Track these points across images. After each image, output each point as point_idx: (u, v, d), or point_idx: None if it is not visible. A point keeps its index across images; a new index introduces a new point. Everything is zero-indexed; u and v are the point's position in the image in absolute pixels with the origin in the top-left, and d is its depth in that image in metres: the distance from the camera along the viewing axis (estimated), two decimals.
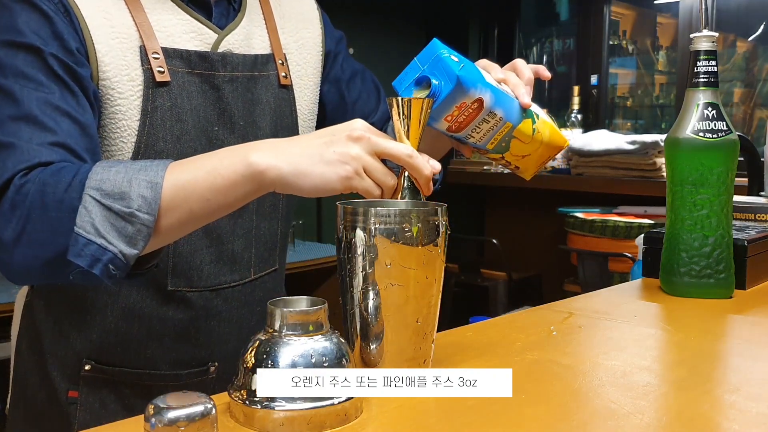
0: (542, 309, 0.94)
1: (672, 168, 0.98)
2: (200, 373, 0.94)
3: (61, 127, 0.76)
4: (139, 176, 0.71)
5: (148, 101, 0.84)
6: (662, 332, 0.85)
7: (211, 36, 0.90)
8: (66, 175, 0.72)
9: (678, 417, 0.58)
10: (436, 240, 0.62)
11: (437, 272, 0.63)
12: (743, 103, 3.31)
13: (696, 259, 0.97)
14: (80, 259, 0.69)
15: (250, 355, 0.55)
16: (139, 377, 0.91)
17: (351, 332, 0.64)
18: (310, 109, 1.03)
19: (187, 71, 0.87)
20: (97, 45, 0.82)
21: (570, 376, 0.67)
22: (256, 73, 0.94)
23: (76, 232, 0.70)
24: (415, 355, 0.63)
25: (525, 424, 0.56)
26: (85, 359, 0.90)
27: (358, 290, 0.62)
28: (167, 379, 0.92)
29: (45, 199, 0.71)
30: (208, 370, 0.94)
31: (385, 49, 3.48)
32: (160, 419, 0.46)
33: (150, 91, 0.84)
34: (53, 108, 0.76)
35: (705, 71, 0.96)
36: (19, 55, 0.77)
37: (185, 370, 0.93)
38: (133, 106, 0.84)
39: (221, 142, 0.89)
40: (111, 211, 0.70)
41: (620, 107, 3.76)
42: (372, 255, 0.61)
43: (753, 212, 1.23)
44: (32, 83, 0.76)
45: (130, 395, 0.91)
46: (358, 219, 0.62)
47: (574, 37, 3.64)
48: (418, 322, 0.63)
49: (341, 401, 0.54)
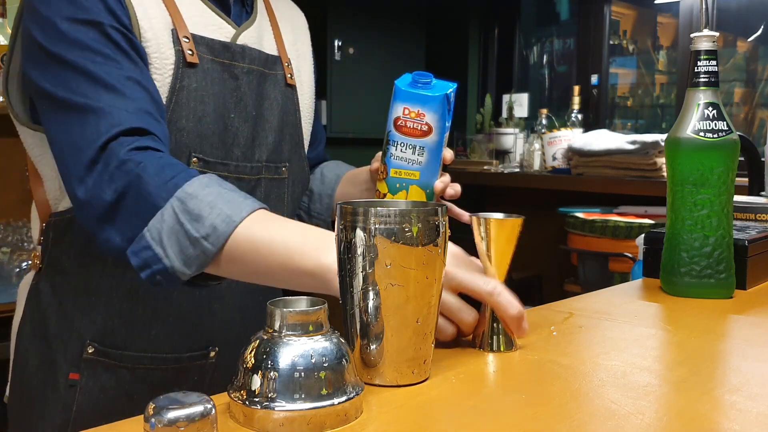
0: (542, 309, 0.94)
1: (672, 168, 0.98)
2: (200, 357, 0.95)
3: (136, 95, 0.80)
4: (222, 206, 0.72)
5: (177, 80, 0.88)
6: (663, 332, 0.85)
7: (230, 30, 0.96)
8: (168, 171, 0.74)
9: (678, 417, 0.58)
10: (437, 240, 0.62)
11: (437, 272, 0.63)
12: (744, 103, 3.30)
13: (696, 259, 0.97)
14: (135, 258, 0.73)
15: (250, 355, 0.55)
16: (139, 360, 0.92)
17: (351, 332, 0.64)
18: (309, 110, 1.08)
19: (211, 58, 0.92)
20: (140, 21, 0.86)
21: (570, 376, 0.67)
22: (266, 71, 0.99)
23: (143, 232, 0.72)
24: (415, 355, 0.63)
25: (525, 424, 0.56)
26: (88, 341, 0.91)
27: (358, 290, 0.62)
28: (168, 362, 0.93)
29: (140, 187, 0.73)
30: (208, 354, 0.95)
31: (385, 49, 3.48)
32: (160, 419, 0.46)
33: (180, 70, 0.88)
34: (125, 78, 0.80)
35: (705, 71, 0.96)
36: (82, 30, 0.80)
37: (186, 353, 0.94)
38: (165, 83, 0.87)
39: (235, 128, 0.93)
40: (182, 228, 0.72)
41: (620, 107, 3.76)
42: (372, 255, 0.61)
43: (753, 212, 1.23)
44: (100, 56, 0.80)
45: (130, 380, 0.92)
46: (358, 219, 0.61)
47: (574, 37, 3.64)
48: (418, 322, 0.63)
49: (341, 401, 0.54)
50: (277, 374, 0.53)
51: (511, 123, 3.47)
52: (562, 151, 3.12)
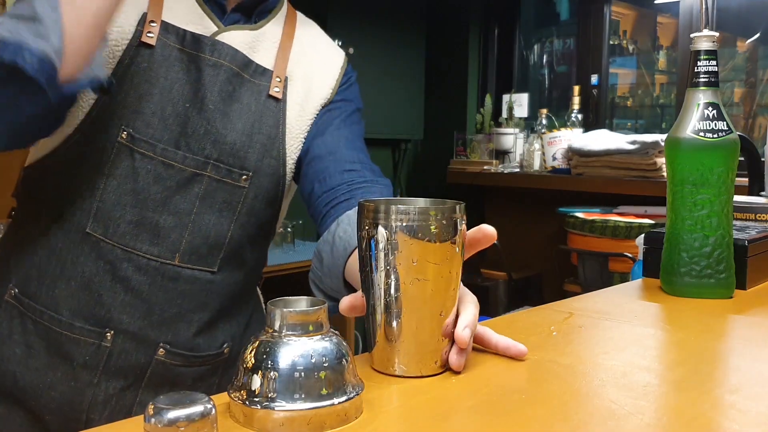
0: (542, 309, 0.94)
1: (672, 168, 0.98)
2: (94, 335, 0.93)
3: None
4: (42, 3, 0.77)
5: (126, 55, 0.92)
6: (662, 332, 0.85)
7: (212, 27, 0.97)
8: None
9: (678, 417, 0.58)
10: (455, 238, 0.64)
11: (457, 267, 0.66)
12: (744, 103, 3.31)
13: (696, 259, 0.97)
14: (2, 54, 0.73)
15: (250, 355, 0.55)
16: (41, 315, 0.93)
17: (373, 326, 0.66)
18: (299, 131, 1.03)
19: (177, 46, 0.94)
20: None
21: (570, 376, 0.67)
22: (243, 74, 0.98)
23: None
24: (437, 347, 0.65)
25: (525, 424, 0.56)
26: (11, 285, 0.95)
27: (381, 285, 0.64)
28: (63, 327, 0.93)
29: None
30: (103, 336, 0.93)
31: (385, 49, 3.48)
32: (160, 419, 0.46)
33: (133, 49, 0.92)
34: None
35: (705, 71, 0.96)
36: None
37: (81, 324, 0.93)
38: (116, 56, 0.92)
39: (186, 117, 0.94)
40: (20, 21, 0.75)
41: (620, 107, 3.76)
42: (395, 251, 0.63)
43: (753, 212, 1.23)
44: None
45: (33, 331, 0.94)
46: (380, 216, 0.63)
47: (574, 37, 3.64)
48: (441, 315, 0.65)
49: (341, 401, 0.54)
50: (277, 374, 0.53)
51: (511, 123, 3.48)
52: (562, 151, 3.12)
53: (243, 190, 0.97)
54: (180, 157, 0.93)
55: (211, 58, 0.95)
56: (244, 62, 0.98)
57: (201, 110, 0.94)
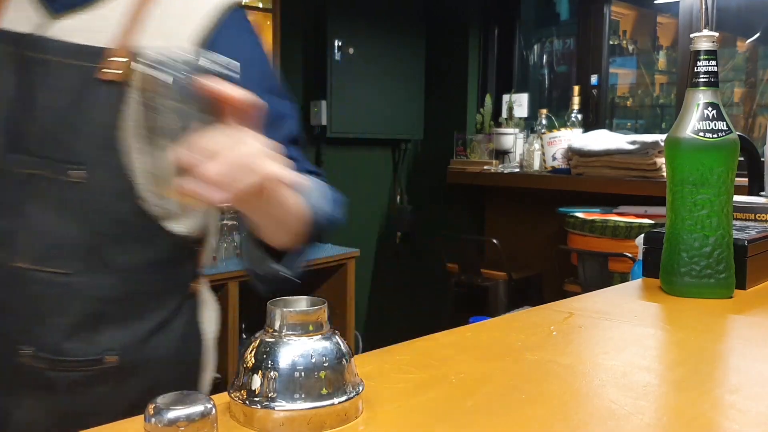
0: (542, 309, 0.94)
1: (672, 168, 0.98)
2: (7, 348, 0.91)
3: None
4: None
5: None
6: (662, 332, 0.85)
7: (42, 21, 0.93)
8: None
9: (678, 417, 0.58)
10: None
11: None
12: (744, 103, 3.31)
13: (696, 259, 0.97)
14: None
15: (250, 355, 0.55)
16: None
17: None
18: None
19: (11, 51, 0.92)
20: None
21: (570, 376, 0.67)
22: (73, 62, 0.90)
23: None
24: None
25: (525, 424, 0.56)
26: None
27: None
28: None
29: None
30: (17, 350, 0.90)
31: (385, 49, 3.48)
32: (160, 419, 0.46)
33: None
34: None
35: (705, 71, 0.96)
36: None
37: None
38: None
39: (15, 119, 0.90)
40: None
41: (620, 107, 3.76)
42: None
43: (753, 212, 1.23)
44: None
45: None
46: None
47: (574, 37, 3.64)
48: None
49: (341, 401, 0.54)
50: (277, 374, 0.53)
51: (511, 123, 3.48)
52: (561, 151, 3.12)
53: (79, 186, 0.89)
54: (12, 159, 0.89)
55: (35, 55, 0.90)
56: (72, 50, 0.89)
57: (31, 109, 0.90)
